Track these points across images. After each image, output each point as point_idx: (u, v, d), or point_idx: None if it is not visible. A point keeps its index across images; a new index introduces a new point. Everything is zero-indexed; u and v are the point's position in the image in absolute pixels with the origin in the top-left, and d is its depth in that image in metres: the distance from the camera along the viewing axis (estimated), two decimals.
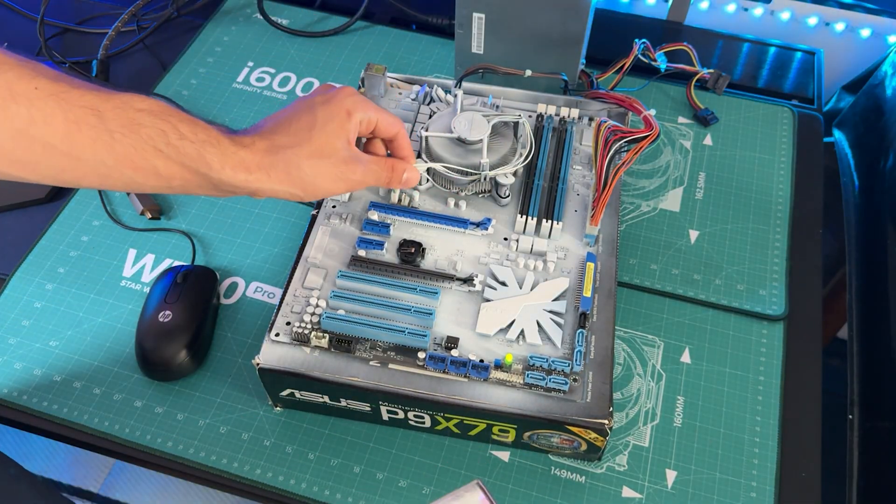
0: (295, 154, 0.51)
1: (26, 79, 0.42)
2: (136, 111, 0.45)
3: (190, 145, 0.47)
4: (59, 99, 0.43)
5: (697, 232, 0.74)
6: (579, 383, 0.56)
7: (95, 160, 0.45)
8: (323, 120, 0.52)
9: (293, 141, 0.51)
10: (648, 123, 0.64)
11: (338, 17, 0.93)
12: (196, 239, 0.74)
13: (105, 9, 0.97)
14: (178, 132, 0.47)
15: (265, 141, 0.50)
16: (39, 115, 0.42)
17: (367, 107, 0.55)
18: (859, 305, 0.74)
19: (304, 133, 0.51)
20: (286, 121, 0.52)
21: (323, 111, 0.52)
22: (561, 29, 0.74)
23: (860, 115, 0.86)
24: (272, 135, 0.51)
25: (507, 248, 0.64)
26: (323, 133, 0.52)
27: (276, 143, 0.50)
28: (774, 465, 0.61)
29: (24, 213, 0.77)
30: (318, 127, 0.52)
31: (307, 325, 0.58)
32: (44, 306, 0.69)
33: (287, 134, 0.51)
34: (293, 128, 0.51)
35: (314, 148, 0.51)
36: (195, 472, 0.61)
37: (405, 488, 0.59)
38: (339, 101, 0.53)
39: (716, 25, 0.95)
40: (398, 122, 0.58)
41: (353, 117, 0.53)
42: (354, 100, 0.54)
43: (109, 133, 0.44)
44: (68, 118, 0.43)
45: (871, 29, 0.91)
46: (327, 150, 0.52)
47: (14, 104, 0.41)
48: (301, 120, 0.52)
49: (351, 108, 0.53)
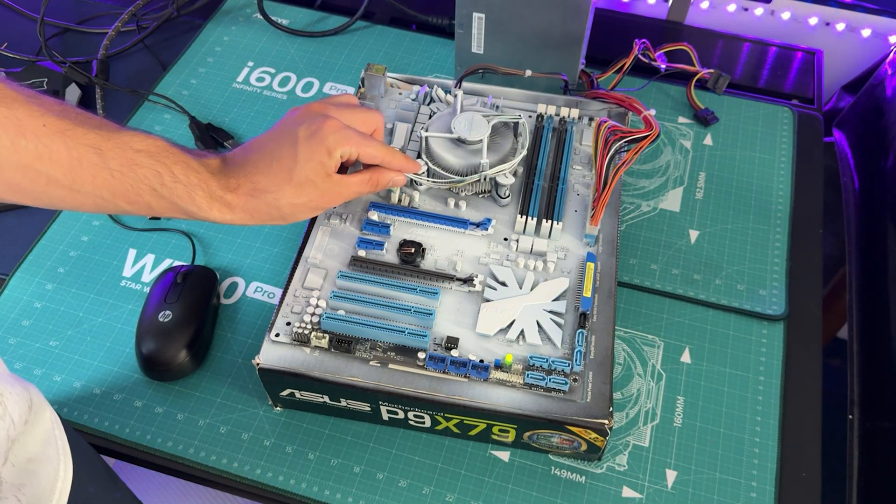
0: (275, 198, 0.54)
1: (35, 116, 0.44)
2: (135, 152, 0.48)
3: (182, 188, 0.50)
4: (65, 136, 0.45)
5: (697, 232, 0.74)
6: (579, 383, 0.56)
7: (94, 194, 0.48)
8: (304, 159, 0.54)
9: (273, 184, 0.54)
10: (648, 123, 0.64)
11: (338, 17, 0.93)
12: (196, 239, 0.74)
13: (105, 9, 0.97)
14: (173, 175, 0.50)
15: (249, 184, 0.53)
16: (46, 151, 0.45)
17: (349, 142, 0.56)
18: (859, 305, 0.74)
19: (285, 174, 0.54)
20: (269, 156, 0.54)
21: (304, 149, 0.54)
22: (561, 29, 0.74)
23: (860, 115, 0.86)
24: (255, 175, 0.54)
25: (507, 248, 0.64)
26: (302, 172, 0.54)
27: (258, 187, 0.53)
28: (774, 465, 0.61)
29: (24, 213, 0.77)
30: (299, 167, 0.54)
31: (307, 326, 0.58)
32: (44, 306, 0.69)
33: (268, 174, 0.54)
34: (274, 168, 0.54)
35: (294, 189, 0.54)
36: (195, 472, 0.61)
37: (405, 488, 0.59)
38: (320, 138, 0.54)
39: (716, 25, 0.95)
40: (380, 153, 0.58)
41: (333, 155, 0.55)
42: (336, 137, 0.55)
43: (109, 171, 0.47)
44: (72, 155, 0.46)
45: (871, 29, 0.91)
46: (307, 189, 0.54)
47: (23, 140, 0.44)
48: (283, 159, 0.54)
49: (332, 147, 0.55)
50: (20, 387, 0.46)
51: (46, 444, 0.48)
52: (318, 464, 0.60)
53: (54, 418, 0.51)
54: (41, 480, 0.47)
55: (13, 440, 0.45)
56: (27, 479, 0.45)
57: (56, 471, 0.49)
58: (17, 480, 0.45)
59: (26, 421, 0.46)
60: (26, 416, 0.46)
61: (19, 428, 0.45)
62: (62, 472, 0.49)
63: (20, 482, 0.45)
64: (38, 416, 0.48)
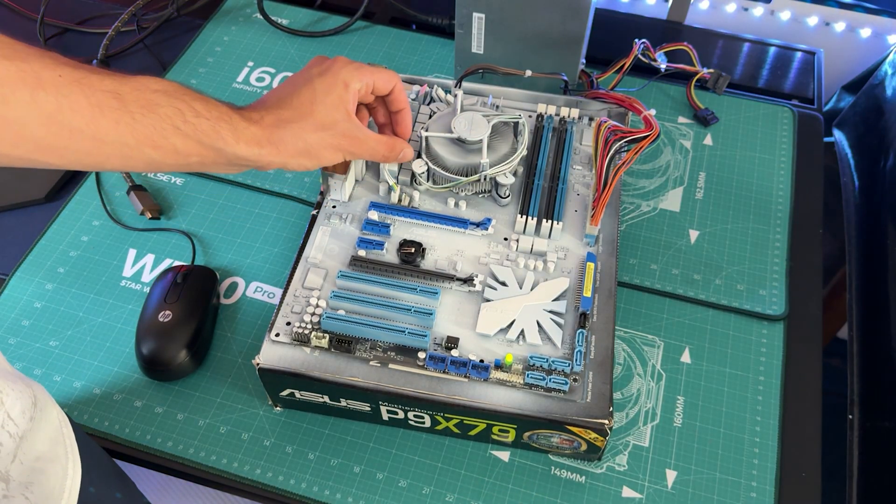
0: (300, 128, 0.54)
1: (50, 67, 0.43)
2: (153, 92, 0.47)
3: (206, 122, 0.49)
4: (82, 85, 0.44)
5: (697, 232, 0.74)
6: (579, 383, 0.56)
7: (119, 142, 0.46)
8: (323, 93, 0.54)
9: (297, 115, 0.54)
10: (648, 123, 0.64)
11: (338, 17, 0.93)
12: (196, 239, 0.74)
13: (105, 9, 0.97)
14: (194, 110, 0.49)
15: (272, 116, 0.53)
16: (66, 101, 0.44)
17: (363, 73, 0.57)
18: (859, 305, 0.74)
19: (307, 107, 0.54)
20: (288, 96, 0.55)
21: (321, 84, 0.55)
22: (561, 29, 0.74)
23: (860, 115, 0.86)
24: (278, 109, 0.54)
25: (507, 248, 0.64)
26: (323, 106, 0.54)
27: (282, 118, 0.53)
28: (774, 465, 0.61)
29: (24, 213, 0.77)
30: (319, 100, 0.54)
31: (307, 326, 0.58)
32: (44, 306, 0.69)
33: (290, 108, 0.54)
34: (295, 102, 0.54)
35: (317, 121, 0.54)
36: (195, 472, 0.61)
37: (405, 488, 0.59)
38: (334, 72, 0.55)
39: (716, 25, 0.95)
40: (393, 77, 0.60)
41: (350, 87, 0.56)
42: (349, 69, 0.56)
43: (130, 114, 0.46)
44: (91, 102, 0.45)
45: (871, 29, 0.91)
46: (329, 122, 0.55)
47: (42, 92, 0.43)
48: (302, 94, 0.54)
49: (347, 79, 0.55)
50: (22, 384, 0.46)
51: (55, 443, 0.48)
52: (318, 464, 0.60)
53: (62, 417, 0.51)
54: (49, 479, 0.47)
55: (20, 437, 0.44)
56: (35, 478, 0.45)
57: (65, 469, 0.49)
58: (25, 479, 0.44)
59: (31, 418, 0.46)
60: (31, 413, 0.46)
61: (22, 426, 0.45)
62: (70, 470, 0.49)
63: (28, 480, 0.45)
64: (45, 414, 0.48)
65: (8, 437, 0.43)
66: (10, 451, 0.43)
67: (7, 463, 0.43)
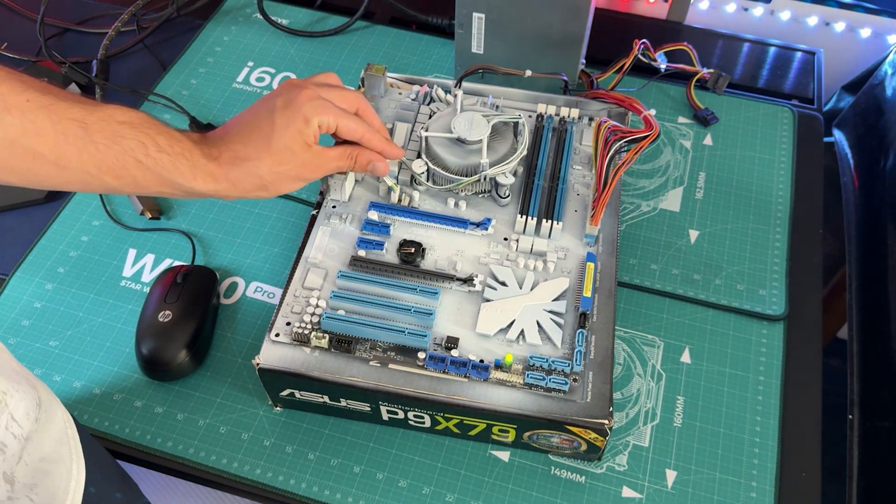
0: (255, 165, 0.54)
1: (18, 91, 0.44)
2: (119, 123, 0.48)
3: (167, 157, 0.50)
4: (49, 111, 0.45)
5: (697, 232, 0.74)
6: (579, 383, 0.56)
7: (80, 169, 0.47)
8: (281, 127, 0.54)
9: (253, 152, 0.54)
10: (648, 123, 0.64)
11: (338, 17, 0.93)
12: (196, 239, 0.74)
13: (105, 9, 0.97)
14: (157, 144, 0.50)
15: (230, 152, 0.53)
16: (31, 126, 0.44)
17: (325, 112, 0.56)
18: (859, 305, 0.74)
19: (264, 142, 0.54)
20: (248, 127, 0.55)
21: (281, 117, 0.54)
22: (561, 29, 0.74)
23: (860, 115, 0.86)
24: (235, 144, 0.54)
25: (507, 248, 0.64)
26: (280, 140, 0.54)
27: (238, 155, 0.53)
28: (774, 465, 0.61)
29: (24, 213, 0.77)
30: (276, 135, 0.54)
31: (307, 326, 0.58)
32: (44, 306, 0.69)
33: (248, 144, 0.54)
34: (254, 136, 0.54)
35: (273, 157, 0.54)
36: (195, 472, 0.61)
37: (405, 488, 0.59)
38: (296, 107, 0.55)
39: (716, 25, 0.95)
40: (360, 128, 0.59)
41: (310, 123, 0.55)
42: (313, 105, 0.55)
43: (94, 144, 0.47)
44: (57, 129, 0.45)
45: (871, 29, 0.91)
46: (286, 157, 0.55)
47: (8, 115, 0.43)
48: (261, 128, 0.54)
49: (308, 115, 0.55)
50: (27, 384, 0.46)
51: (59, 444, 0.48)
52: (318, 464, 0.60)
53: (66, 417, 0.50)
54: (54, 480, 0.47)
55: (25, 439, 0.44)
56: (40, 479, 0.45)
57: (69, 470, 0.49)
58: (29, 480, 0.44)
59: (36, 419, 0.46)
60: (35, 415, 0.46)
61: (27, 427, 0.45)
62: (75, 471, 0.49)
63: (33, 482, 0.45)
64: (49, 415, 0.48)
65: (13, 438, 0.43)
66: (16, 453, 0.43)
67: (12, 465, 0.43)
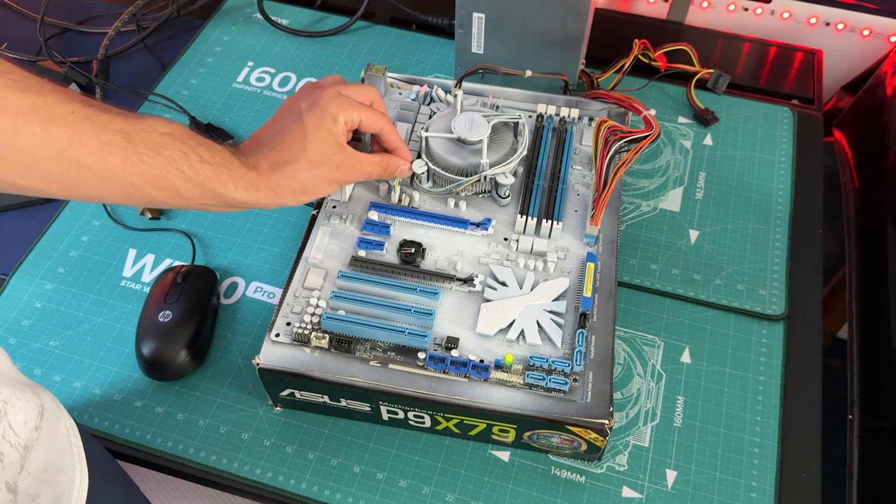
0: (294, 169, 0.55)
1: (63, 103, 0.44)
2: (160, 134, 0.49)
3: (209, 168, 0.51)
4: (93, 122, 0.45)
5: (697, 232, 0.74)
6: (579, 383, 0.56)
7: (124, 180, 0.47)
8: (313, 128, 0.55)
9: (290, 156, 0.55)
10: (648, 123, 0.64)
11: (338, 17, 0.93)
12: (196, 239, 0.74)
13: (105, 9, 0.97)
14: (198, 155, 0.50)
15: (267, 160, 0.54)
16: (77, 137, 0.45)
17: (350, 107, 0.57)
18: (859, 305, 0.74)
19: (298, 146, 0.55)
20: (280, 134, 0.56)
21: (310, 119, 0.55)
22: (561, 29, 0.74)
23: (860, 115, 0.86)
24: (270, 152, 0.55)
25: (507, 248, 0.64)
26: (314, 142, 0.55)
27: (275, 161, 0.55)
28: (774, 465, 0.61)
29: (24, 213, 0.77)
30: (310, 137, 0.55)
31: (307, 326, 0.58)
32: (44, 306, 0.69)
33: (283, 149, 0.55)
34: (287, 142, 0.55)
35: (310, 159, 0.55)
36: (195, 472, 0.61)
37: (405, 488, 0.59)
38: (323, 106, 0.56)
39: (716, 25, 0.95)
40: (381, 119, 0.60)
41: (338, 120, 0.56)
42: (338, 103, 0.56)
43: (138, 155, 0.47)
44: (101, 140, 0.46)
45: (871, 29, 0.91)
46: (321, 158, 0.56)
47: (55, 127, 0.43)
48: (293, 133, 0.55)
49: (335, 112, 0.56)
50: (30, 392, 0.46)
51: (62, 453, 0.48)
52: (318, 464, 0.60)
53: (70, 424, 0.50)
54: (57, 490, 0.47)
55: (24, 447, 0.44)
56: (43, 489, 0.45)
57: (72, 480, 0.48)
58: (33, 490, 0.44)
59: (36, 428, 0.45)
60: (35, 423, 0.45)
61: (24, 436, 0.44)
62: (77, 480, 0.49)
63: (36, 492, 0.44)
64: (53, 424, 0.48)
65: (9, 447, 0.43)
66: (15, 462, 0.43)
67: (14, 474, 0.43)
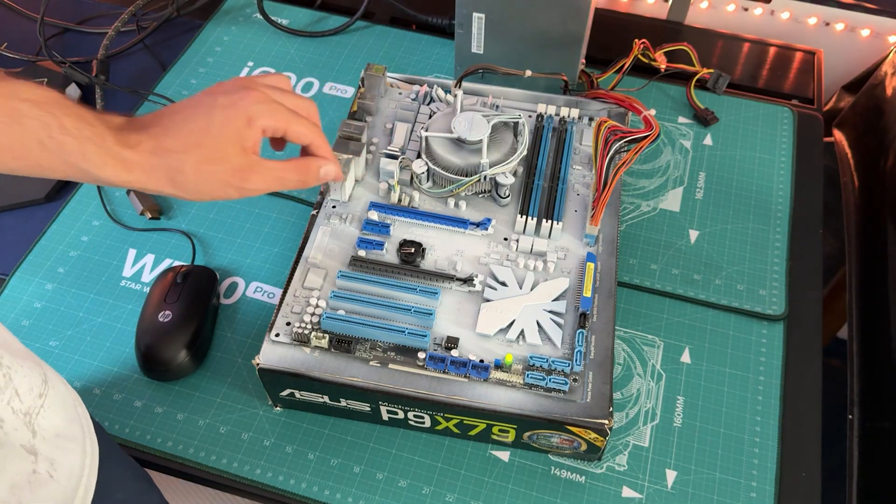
0: (180, 160, 0.48)
1: None
2: (21, 101, 0.44)
3: (71, 141, 0.45)
4: None
5: (697, 232, 0.74)
6: (579, 383, 0.56)
7: None
8: (219, 125, 0.49)
9: (182, 145, 0.49)
10: (648, 123, 0.64)
11: (338, 17, 0.93)
12: (196, 239, 0.74)
13: (105, 9, 0.97)
14: (62, 126, 0.45)
15: (153, 141, 0.48)
16: None
17: (274, 116, 0.51)
18: (859, 305, 0.74)
19: (196, 137, 0.49)
20: (182, 120, 0.50)
21: (221, 115, 0.50)
22: (561, 29, 0.74)
23: (860, 115, 0.86)
24: (163, 135, 0.49)
25: (507, 248, 0.64)
26: (215, 139, 0.49)
27: (163, 146, 0.48)
28: (774, 465, 0.61)
29: (24, 213, 0.77)
30: (213, 132, 0.49)
31: (307, 326, 0.58)
32: (44, 306, 0.69)
33: (178, 136, 0.49)
34: (186, 129, 0.49)
35: (203, 154, 0.49)
36: (195, 472, 0.61)
37: (405, 488, 0.59)
38: (241, 107, 0.50)
39: (716, 25, 0.95)
40: (312, 131, 0.54)
41: (253, 125, 0.50)
42: (260, 108, 0.50)
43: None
44: None
45: (871, 29, 0.91)
46: (217, 157, 0.49)
47: None
48: (197, 122, 0.49)
49: (253, 116, 0.50)
50: (32, 362, 0.46)
51: (71, 421, 0.48)
52: (318, 464, 0.60)
53: (75, 397, 0.50)
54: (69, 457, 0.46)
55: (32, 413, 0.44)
56: (58, 455, 0.45)
57: (83, 448, 0.48)
58: (49, 455, 0.44)
59: (41, 395, 0.45)
60: (40, 390, 0.45)
61: (28, 402, 0.44)
62: (88, 448, 0.48)
63: (52, 457, 0.44)
64: (58, 392, 0.47)
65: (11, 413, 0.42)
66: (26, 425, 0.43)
67: (28, 438, 0.43)
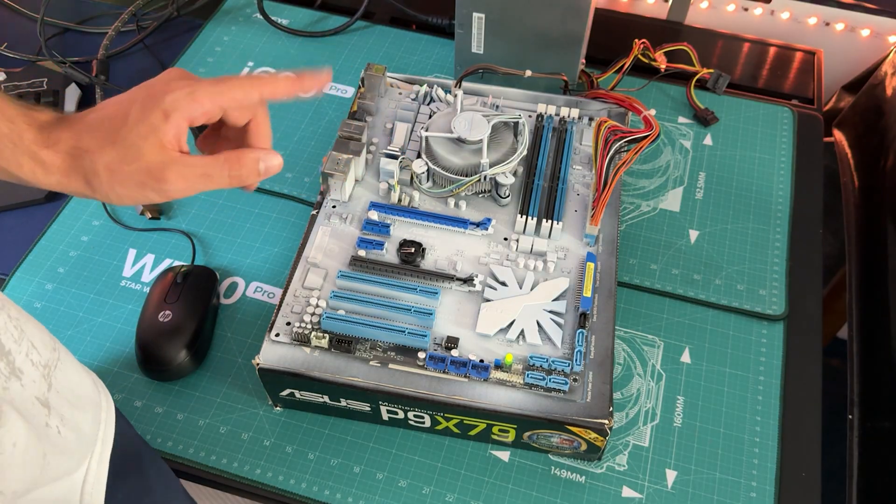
0: (92, 161, 0.45)
1: None
2: None
3: None
4: None
5: (697, 232, 0.74)
6: (579, 383, 0.56)
7: None
8: (134, 121, 0.45)
9: (96, 144, 0.45)
10: (648, 123, 0.64)
11: (338, 17, 0.93)
12: (196, 239, 0.74)
13: (105, 9, 0.97)
14: None
15: (72, 140, 0.45)
16: None
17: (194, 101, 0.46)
18: (859, 305, 0.74)
19: (110, 136, 0.45)
20: (104, 117, 0.46)
21: (137, 111, 0.45)
22: (561, 29, 0.74)
23: (860, 115, 0.86)
24: (82, 133, 0.45)
25: (507, 248, 0.64)
26: (128, 136, 0.45)
27: (80, 145, 0.45)
28: (774, 465, 0.61)
29: (24, 213, 0.77)
30: (126, 129, 0.45)
31: (307, 326, 0.58)
32: (44, 306, 0.69)
33: (93, 133, 0.45)
34: (104, 127, 0.45)
35: (114, 152, 0.45)
36: (195, 471, 0.61)
37: (405, 488, 0.59)
38: (158, 99, 0.45)
39: (716, 25, 0.95)
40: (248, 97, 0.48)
41: (170, 119, 0.45)
42: (178, 97, 0.45)
43: None
44: None
45: (871, 29, 0.91)
46: (130, 157, 0.45)
47: None
48: (114, 120, 0.45)
49: (169, 109, 0.45)
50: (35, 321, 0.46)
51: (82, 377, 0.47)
52: (318, 464, 0.60)
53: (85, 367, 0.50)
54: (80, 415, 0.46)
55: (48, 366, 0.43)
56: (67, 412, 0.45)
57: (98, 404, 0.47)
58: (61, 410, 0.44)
59: (54, 349, 0.45)
60: (52, 345, 0.45)
61: (45, 355, 0.43)
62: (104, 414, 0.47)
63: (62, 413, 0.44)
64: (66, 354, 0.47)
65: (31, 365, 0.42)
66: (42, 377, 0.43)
67: (44, 390, 0.42)
